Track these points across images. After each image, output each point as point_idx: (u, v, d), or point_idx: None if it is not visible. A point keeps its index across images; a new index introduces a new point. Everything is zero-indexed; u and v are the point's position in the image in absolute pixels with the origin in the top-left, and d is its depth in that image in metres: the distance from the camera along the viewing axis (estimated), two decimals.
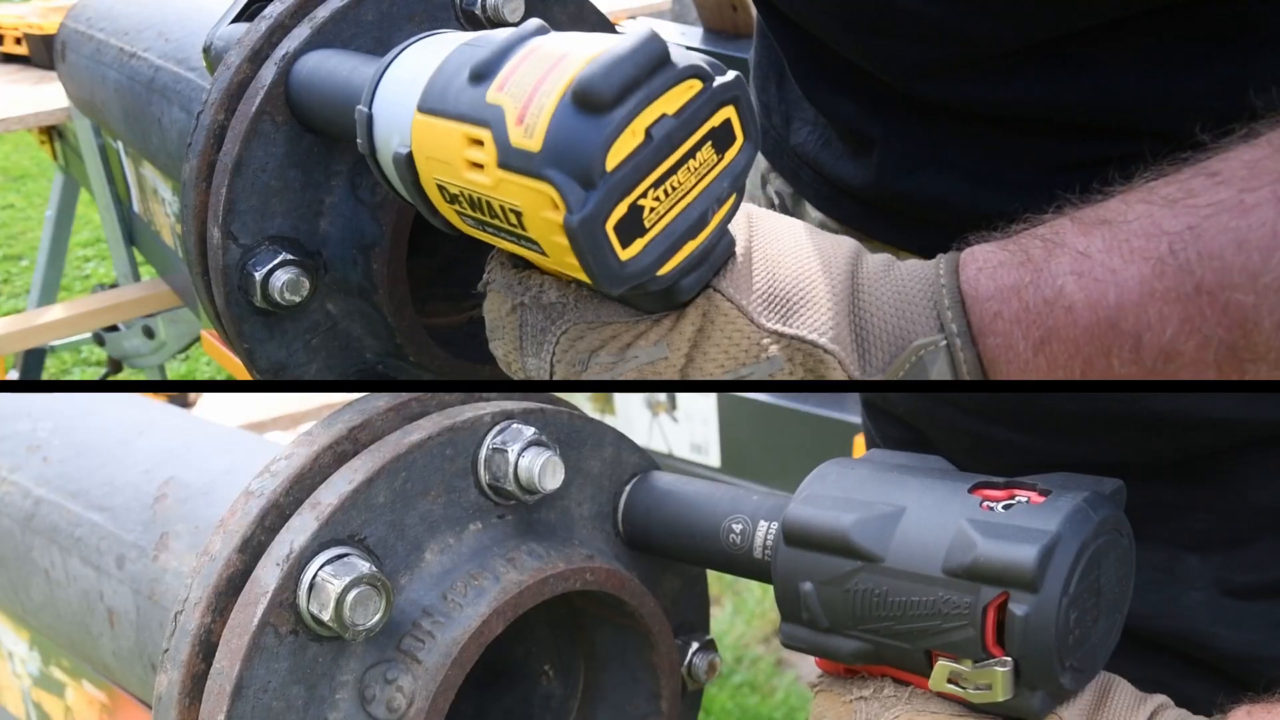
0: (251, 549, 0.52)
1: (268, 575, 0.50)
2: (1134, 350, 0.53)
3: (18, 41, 2.35)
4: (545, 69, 0.49)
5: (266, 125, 0.68)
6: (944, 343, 0.55)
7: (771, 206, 1.02)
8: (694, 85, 0.50)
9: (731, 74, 0.52)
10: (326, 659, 0.51)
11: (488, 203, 0.51)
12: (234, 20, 0.76)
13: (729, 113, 0.52)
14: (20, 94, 2.19)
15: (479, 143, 0.50)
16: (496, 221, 0.52)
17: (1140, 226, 0.53)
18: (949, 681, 0.50)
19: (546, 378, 0.58)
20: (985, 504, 0.51)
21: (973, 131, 0.77)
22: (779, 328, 0.56)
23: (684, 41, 2.31)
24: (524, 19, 0.72)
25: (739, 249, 0.57)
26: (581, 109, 0.47)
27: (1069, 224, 0.56)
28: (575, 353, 0.57)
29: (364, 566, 0.50)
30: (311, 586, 0.50)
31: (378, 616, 0.50)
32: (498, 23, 0.72)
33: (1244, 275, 0.51)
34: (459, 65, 0.53)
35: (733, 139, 0.53)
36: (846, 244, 0.60)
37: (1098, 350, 0.54)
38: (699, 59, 0.51)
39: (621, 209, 0.48)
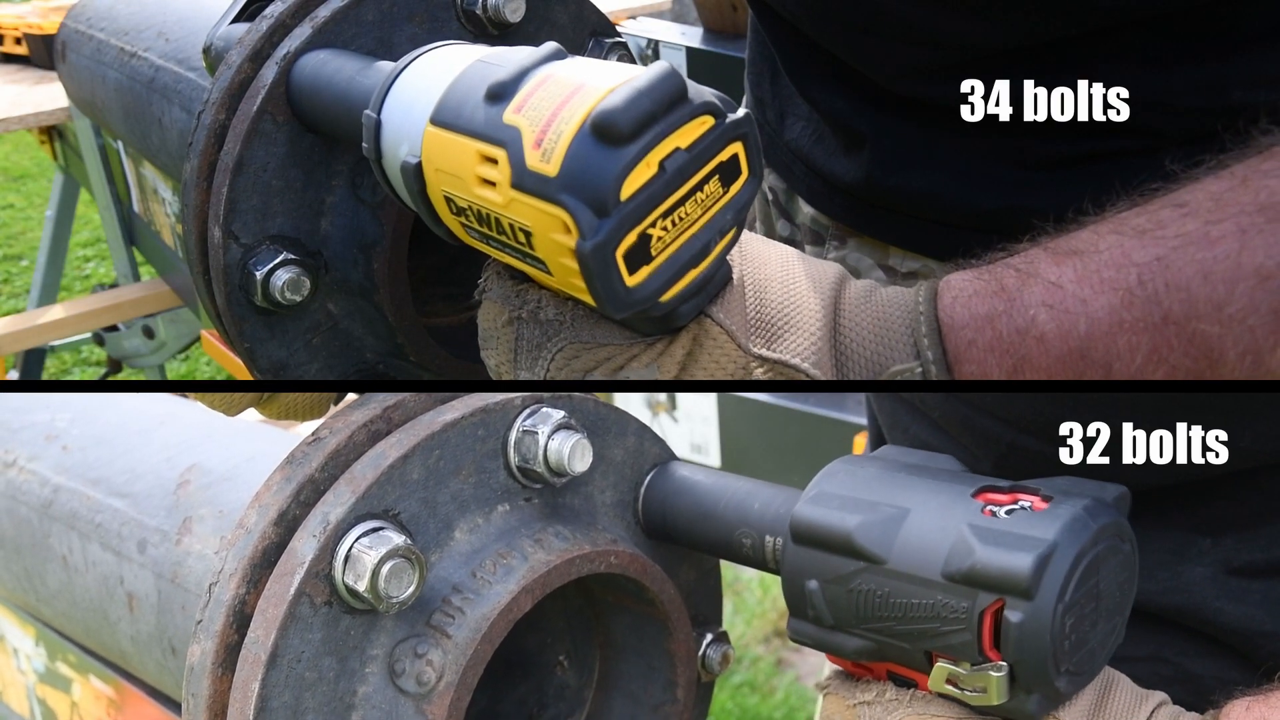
0: (287, 522, 0.52)
1: (304, 546, 0.51)
2: (1104, 379, 0.55)
3: (18, 41, 2.35)
4: (564, 96, 0.50)
5: (268, 125, 0.68)
6: (919, 370, 0.57)
7: (765, 201, 1.03)
8: (707, 121, 0.51)
9: (742, 111, 0.53)
10: (358, 632, 0.52)
11: (497, 219, 0.52)
12: (234, 20, 0.76)
13: (737, 148, 0.53)
14: (20, 94, 2.19)
15: (493, 161, 0.51)
16: (504, 238, 0.53)
17: (1110, 257, 0.55)
18: (948, 683, 0.51)
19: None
20: (988, 509, 0.52)
21: (961, 129, 0.78)
22: (764, 352, 0.57)
23: (684, 41, 2.31)
24: (525, 19, 0.73)
25: (733, 276, 0.59)
26: (600, 139, 0.48)
27: (1042, 254, 0.57)
28: (570, 372, 0.58)
29: (399, 539, 0.51)
30: (347, 558, 0.50)
31: (411, 589, 0.51)
32: (499, 23, 0.72)
33: (1209, 306, 0.52)
34: (475, 82, 0.54)
35: (739, 173, 0.54)
36: (831, 269, 0.61)
37: (1069, 378, 0.55)
38: (712, 95, 0.52)
39: (631, 238, 0.50)
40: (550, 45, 0.54)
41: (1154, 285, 0.53)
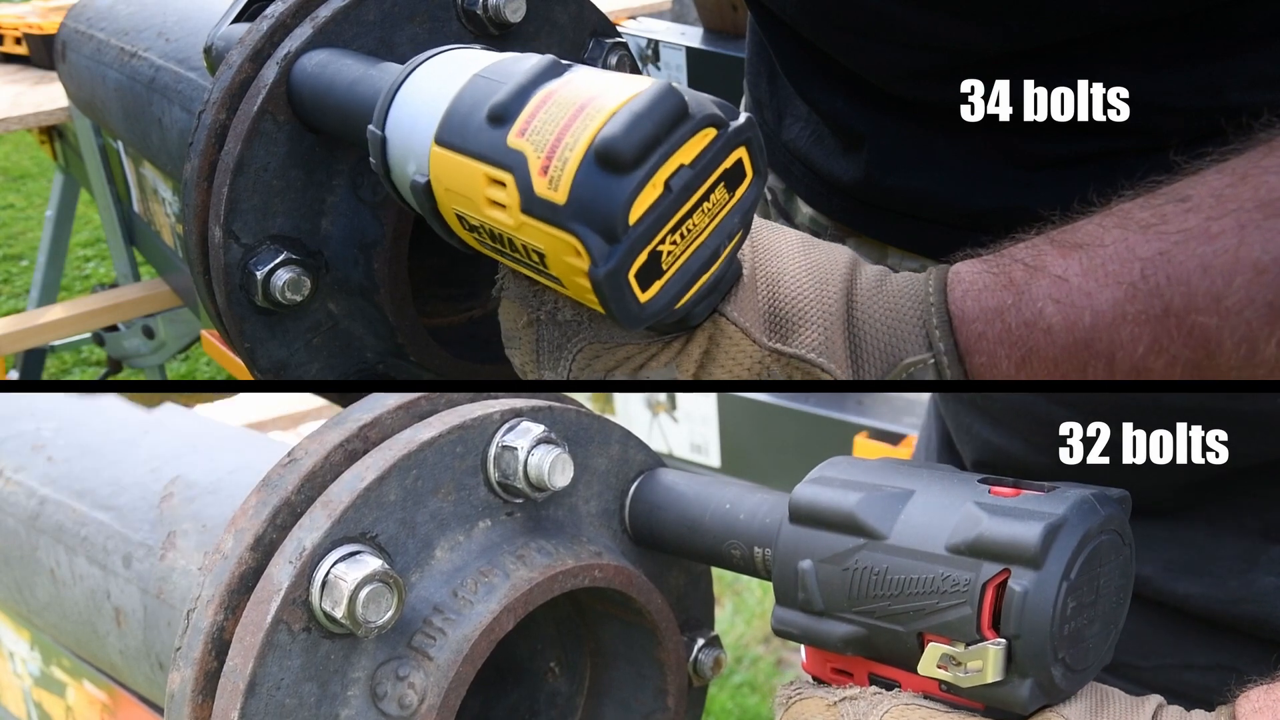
0: (263, 547, 0.52)
1: (280, 573, 0.50)
2: (1108, 368, 0.56)
3: (18, 41, 2.35)
4: (566, 119, 0.50)
5: (268, 125, 0.68)
6: (932, 361, 0.58)
7: (764, 202, 1.03)
8: (709, 134, 0.52)
9: (744, 117, 0.53)
10: (338, 656, 0.52)
11: (510, 240, 0.52)
12: (235, 20, 0.76)
13: (741, 154, 0.53)
14: (20, 94, 2.19)
15: (500, 184, 0.51)
16: (518, 255, 0.53)
17: (1115, 251, 0.56)
18: (939, 666, 0.50)
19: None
20: (995, 489, 0.52)
21: (959, 129, 0.78)
22: (779, 347, 0.58)
23: (684, 41, 2.31)
24: (525, 19, 0.73)
25: (745, 271, 0.59)
26: (604, 167, 0.49)
27: (1048, 246, 0.58)
28: (591, 372, 0.59)
29: (376, 564, 0.50)
30: (324, 584, 0.50)
31: (390, 614, 0.50)
32: (499, 23, 0.72)
33: (1207, 299, 0.54)
34: (477, 100, 0.54)
35: (743, 176, 0.54)
36: (843, 256, 0.61)
37: (1074, 368, 0.57)
38: (713, 105, 0.52)
39: (642, 258, 0.50)
40: (547, 59, 0.54)
41: (1156, 279, 0.55)
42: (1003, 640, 0.48)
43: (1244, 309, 0.53)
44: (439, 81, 0.57)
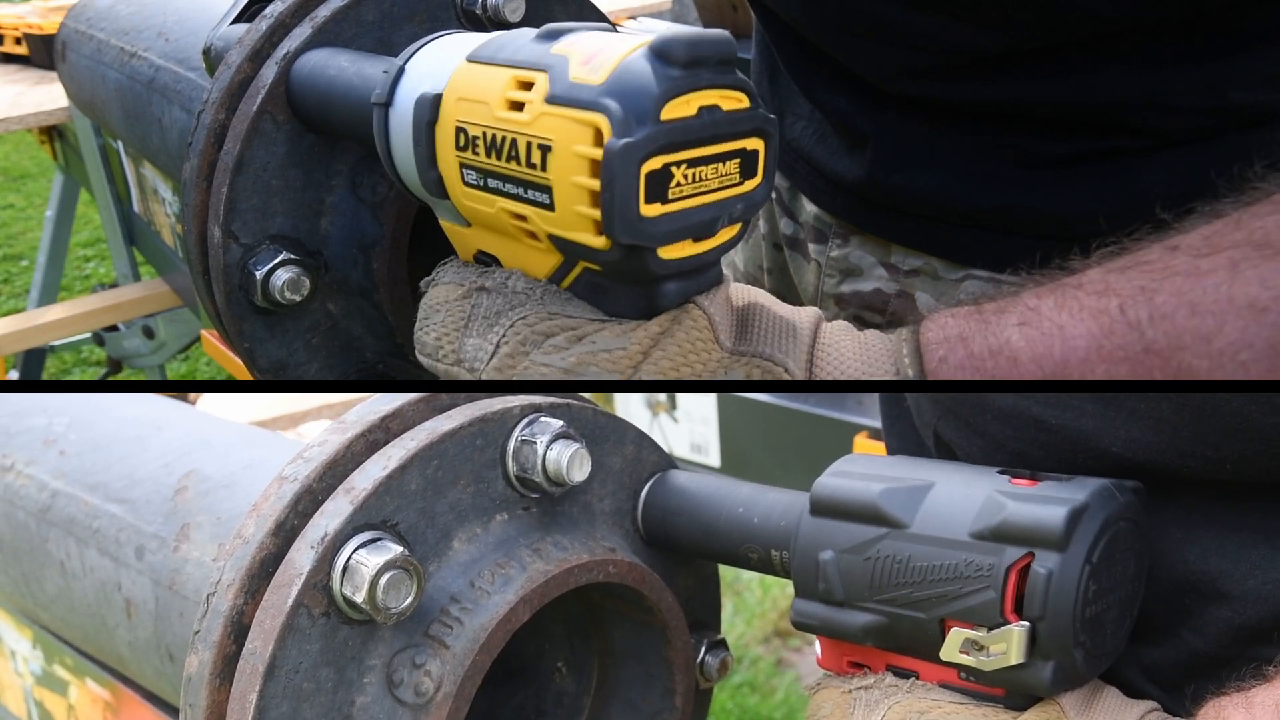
0: (285, 533, 0.52)
1: (302, 557, 0.50)
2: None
3: (18, 41, 2.35)
4: (616, 39, 0.52)
5: (267, 124, 0.68)
6: None
7: (768, 201, 1.03)
8: (744, 99, 0.53)
9: (774, 115, 0.54)
10: (356, 642, 0.52)
11: (512, 142, 0.52)
12: (234, 20, 0.76)
13: (760, 145, 0.54)
14: (20, 94, 2.19)
15: (528, 86, 0.52)
16: (510, 167, 0.53)
17: (1091, 286, 0.54)
18: (961, 651, 0.50)
19: (485, 359, 0.56)
20: (1014, 480, 0.52)
21: (962, 128, 0.78)
22: (742, 348, 0.57)
23: None
24: (525, 19, 0.73)
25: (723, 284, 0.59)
26: (657, 56, 0.50)
27: (1026, 286, 0.57)
28: (529, 334, 0.55)
29: (397, 550, 0.50)
30: (345, 569, 0.50)
31: (409, 600, 0.51)
32: (498, 23, 0.72)
33: (1195, 338, 0.51)
34: (525, 31, 0.55)
35: (755, 172, 0.55)
36: (812, 309, 0.61)
37: None
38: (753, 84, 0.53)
39: (657, 162, 0.50)
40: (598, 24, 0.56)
41: (1136, 314, 0.52)
42: (1026, 622, 0.49)
43: (1239, 351, 0.50)
44: (480, 35, 0.58)
